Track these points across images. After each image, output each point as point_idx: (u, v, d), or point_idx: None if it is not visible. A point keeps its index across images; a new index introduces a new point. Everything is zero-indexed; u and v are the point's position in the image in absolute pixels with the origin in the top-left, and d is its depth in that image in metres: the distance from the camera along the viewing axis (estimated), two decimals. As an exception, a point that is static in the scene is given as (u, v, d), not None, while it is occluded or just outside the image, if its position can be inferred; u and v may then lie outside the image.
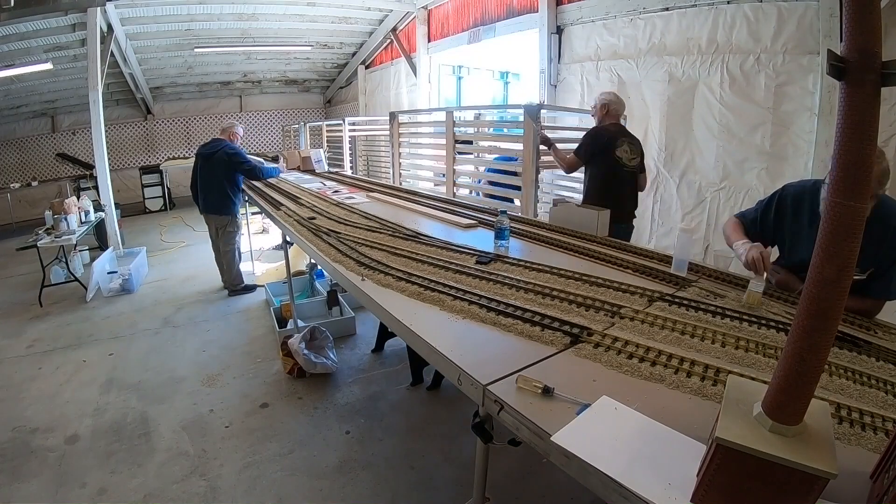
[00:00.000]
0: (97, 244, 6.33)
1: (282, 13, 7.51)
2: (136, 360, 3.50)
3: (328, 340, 3.21)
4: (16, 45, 6.27)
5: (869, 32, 0.63)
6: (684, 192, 4.09)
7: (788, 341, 0.74)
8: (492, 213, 2.72)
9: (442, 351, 1.25)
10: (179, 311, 4.44)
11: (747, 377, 1.00)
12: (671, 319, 1.37)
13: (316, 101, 12.09)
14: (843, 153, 0.66)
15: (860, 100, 0.64)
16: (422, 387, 3.01)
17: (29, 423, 2.74)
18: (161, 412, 2.83)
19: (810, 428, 0.73)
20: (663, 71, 4.09)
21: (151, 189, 9.79)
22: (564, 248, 2.11)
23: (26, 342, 3.84)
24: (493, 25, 6.00)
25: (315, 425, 2.68)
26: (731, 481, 0.73)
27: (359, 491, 2.20)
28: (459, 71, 7.89)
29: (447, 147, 4.29)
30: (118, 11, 6.22)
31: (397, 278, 1.73)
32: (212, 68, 9.55)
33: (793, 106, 3.37)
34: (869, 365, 1.18)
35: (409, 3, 7.32)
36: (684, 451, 0.87)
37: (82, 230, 5.07)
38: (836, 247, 0.67)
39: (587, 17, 4.74)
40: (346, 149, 6.50)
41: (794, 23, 3.26)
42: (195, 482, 2.26)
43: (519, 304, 1.49)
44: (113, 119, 9.43)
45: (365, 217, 2.73)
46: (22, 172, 9.30)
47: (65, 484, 2.25)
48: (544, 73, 5.14)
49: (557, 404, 1.02)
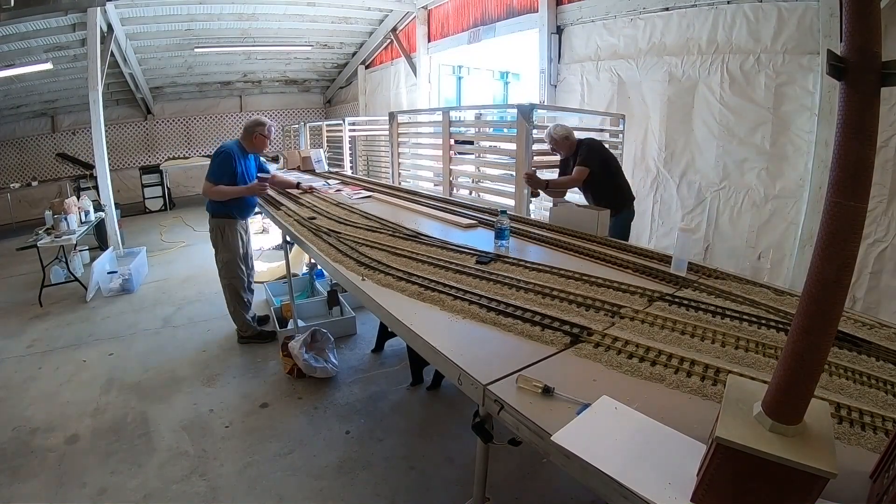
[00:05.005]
0: (97, 244, 6.33)
1: (282, 13, 7.51)
2: (136, 360, 3.50)
3: (329, 342, 3.21)
4: (16, 45, 6.27)
5: (869, 32, 0.63)
6: (684, 192, 4.09)
7: (788, 341, 0.74)
8: (492, 213, 2.72)
9: (442, 351, 1.25)
10: (179, 311, 4.43)
11: (747, 377, 1.00)
12: (671, 319, 1.37)
13: (316, 101, 12.08)
14: (843, 153, 0.66)
15: (860, 100, 0.64)
16: (422, 387, 3.01)
17: (29, 423, 2.74)
18: (161, 412, 2.83)
19: (810, 428, 0.73)
20: (663, 71, 4.09)
21: (151, 189, 9.78)
22: (564, 248, 2.11)
23: (26, 342, 3.84)
24: (493, 25, 6.00)
25: (315, 425, 2.68)
26: (731, 481, 0.73)
27: (359, 491, 2.20)
28: (459, 71, 7.90)
29: (444, 147, 4.29)
30: (118, 11, 6.22)
31: (397, 278, 1.73)
32: (212, 68, 9.55)
33: (793, 106, 3.37)
34: (869, 365, 1.18)
35: (409, 3, 7.32)
36: (684, 450, 0.88)
37: (82, 230, 5.07)
38: (836, 247, 0.67)
39: (587, 17, 4.74)
40: (346, 149, 6.50)
41: (794, 23, 3.26)
42: (195, 482, 2.26)
43: (519, 304, 1.49)
44: (113, 119, 9.42)
45: (365, 217, 2.73)
46: (22, 172, 9.30)
47: (65, 484, 2.25)
48: (544, 73, 5.15)
49: (557, 404, 1.02)
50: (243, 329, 3.66)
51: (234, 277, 3.50)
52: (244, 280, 3.58)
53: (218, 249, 3.48)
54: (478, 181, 4.52)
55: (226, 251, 3.45)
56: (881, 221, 2.99)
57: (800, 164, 3.38)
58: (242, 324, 3.65)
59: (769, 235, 3.59)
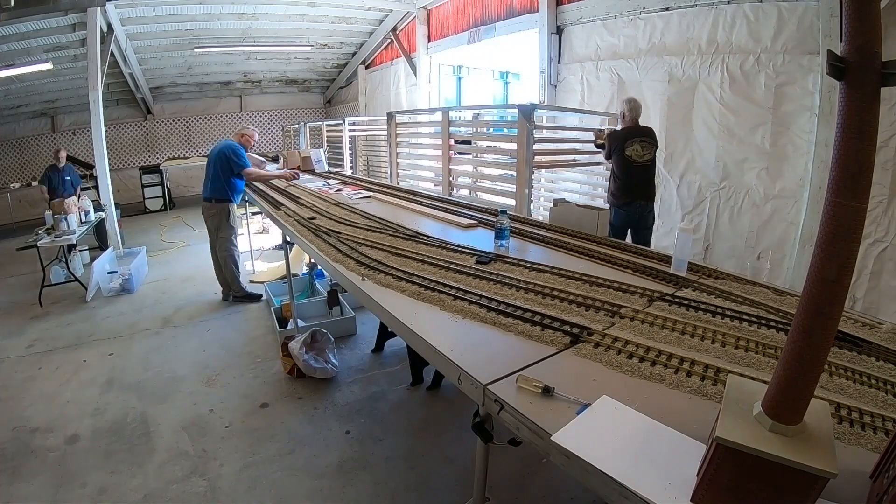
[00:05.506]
0: (97, 244, 6.33)
1: (282, 13, 7.52)
2: (136, 360, 3.50)
3: (329, 342, 3.21)
4: (16, 45, 6.27)
5: (869, 32, 0.63)
6: (684, 192, 4.09)
7: (788, 341, 0.74)
8: (492, 213, 2.72)
9: (442, 351, 1.25)
10: (179, 310, 4.44)
11: (747, 377, 1.00)
12: (671, 319, 1.36)
13: (316, 101, 12.09)
14: (843, 153, 0.66)
15: (860, 100, 0.64)
16: (422, 387, 3.01)
17: (29, 423, 2.74)
18: (161, 412, 2.83)
19: (810, 427, 0.73)
20: (663, 71, 4.09)
21: (151, 189, 9.79)
22: (564, 248, 2.10)
23: (26, 342, 3.84)
24: (493, 25, 6.00)
25: (315, 425, 2.68)
26: (731, 481, 0.73)
27: (359, 491, 2.20)
28: (459, 71, 7.90)
29: (444, 147, 4.29)
30: (118, 11, 6.23)
31: (397, 278, 1.73)
32: (212, 68, 9.56)
33: (793, 106, 3.37)
34: (869, 365, 1.18)
35: (409, 3, 7.32)
36: (684, 450, 0.87)
37: (82, 230, 5.07)
38: (836, 247, 0.67)
39: (587, 17, 4.74)
40: (346, 149, 6.50)
41: (794, 23, 3.27)
42: (195, 482, 2.26)
43: (519, 304, 1.49)
44: (113, 119, 9.43)
45: (365, 217, 2.72)
46: (22, 172, 9.30)
47: (65, 484, 2.25)
48: (544, 73, 5.15)
49: (557, 404, 1.02)
50: (237, 290, 4.59)
51: (234, 247, 4.48)
52: (237, 249, 4.56)
53: (221, 228, 4.37)
54: (475, 180, 4.52)
55: (227, 229, 4.38)
56: (881, 221, 2.99)
57: (800, 164, 3.38)
58: (237, 287, 4.58)
59: (769, 235, 3.59)
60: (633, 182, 3.63)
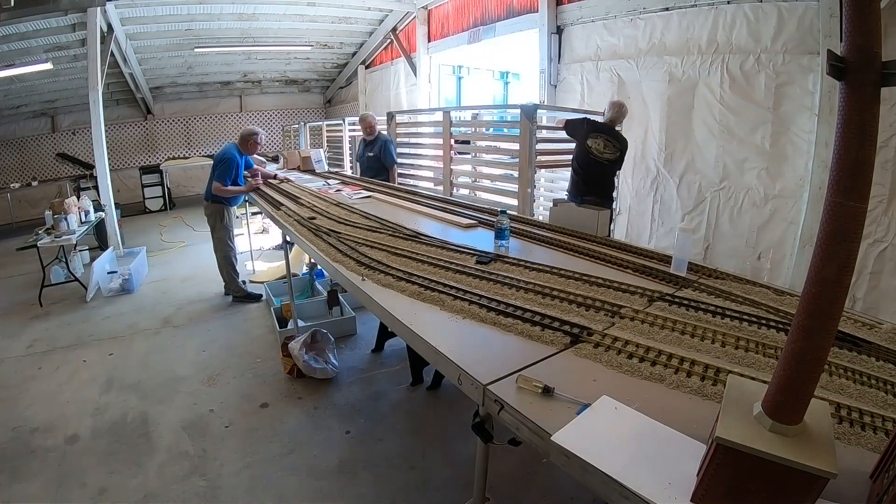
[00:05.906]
0: (97, 244, 6.33)
1: (282, 13, 7.51)
2: (136, 360, 3.50)
3: (329, 343, 3.21)
4: (16, 45, 6.27)
5: (869, 32, 0.63)
6: (684, 192, 4.09)
7: (788, 341, 0.74)
8: (492, 213, 2.72)
9: (442, 351, 1.25)
10: (179, 311, 4.43)
11: (747, 377, 1.00)
12: (671, 319, 1.36)
13: (316, 101, 12.09)
14: (843, 153, 0.66)
15: (860, 100, 0.64)
16: (422, 387, 3.01)
17: (29, 423, 2.74)
18: (161, 412, 2.83)
19: (810, 428, 0.73)
20: (663, 71, 4.09)
21: (151, 189, 9.78)
22: (564, 248, 2.10)
23: (26, 342, 3.84)
24: (493, 25, 6.00)
25: (315, 425, 2.68)
26: (731, 481, 0.73)
27: (359, 491, 2.20)
28: (459, 71, 7.89)
29: (444, 147, 4.29)
30: (118, 11, 6.23)
31: (397, 278, 1.73)
32: (212, 68, 9.55)
33: (793, 106, 3.37)
34: (869, 365, 1.18)
35: (409, 3, 7.32)
36: (684, 450, 0.88)
37: (82, 230, 5.07)
38: (836, 247, 0.67)
39: (587, 17, 4.74)
40: (346, 149, 6.50)
41: (794, 23, 3.26)
42: (195, 482, 2.26)
43: (519, 304, 1.49)
44: (113, 119, 9.42)
45: (365, 217, 2.72)
46: (22, 172, 9.30)
47: (65, 484, 2.25)
48: (544, 73, 5.15)
49: (557, 404, 1.02)
50: (236, 290, 4.59)
51: (229, 249, 4.49)
52: (233, 251, 4.55)
53: (215, 229, 4.43)
54: (475, 180, 4.52)
55: (221, 230, 4.42)
56: (881, 221, 2.99)
57: (800, 164, 3.38)
58: (235, 287, 4.58)
59: (769, 235, 3.59)
60: (587, 174, 3.57)
